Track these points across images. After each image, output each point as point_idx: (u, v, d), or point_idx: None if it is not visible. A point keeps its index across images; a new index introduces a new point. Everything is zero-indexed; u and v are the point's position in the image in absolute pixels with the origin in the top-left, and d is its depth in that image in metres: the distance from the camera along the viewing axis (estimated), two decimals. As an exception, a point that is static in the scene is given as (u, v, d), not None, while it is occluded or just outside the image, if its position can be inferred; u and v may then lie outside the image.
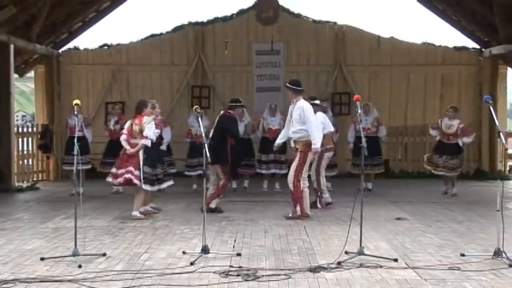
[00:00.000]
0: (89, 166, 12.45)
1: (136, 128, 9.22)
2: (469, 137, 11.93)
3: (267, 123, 12.59)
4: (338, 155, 13.16)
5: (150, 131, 9.16)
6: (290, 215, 9.20)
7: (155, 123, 9.44)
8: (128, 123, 9.44)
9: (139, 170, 9.07)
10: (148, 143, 9.13)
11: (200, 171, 12.42)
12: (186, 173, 12.81)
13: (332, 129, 10.70)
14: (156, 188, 9.44)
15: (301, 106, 9.15)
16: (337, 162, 12.94)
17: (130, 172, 9.05)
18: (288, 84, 9.43)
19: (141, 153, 9.13)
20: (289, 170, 9.60)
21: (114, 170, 9.33)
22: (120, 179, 9.19)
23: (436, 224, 8.89)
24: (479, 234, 8.07)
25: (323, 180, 10.41)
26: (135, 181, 9.04)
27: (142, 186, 9.09)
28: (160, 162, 9.78)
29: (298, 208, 9.17)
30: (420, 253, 6.93)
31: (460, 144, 11.75)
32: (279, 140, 9.71)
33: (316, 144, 9.01)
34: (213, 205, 9.57)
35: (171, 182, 9.92)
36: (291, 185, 9.19)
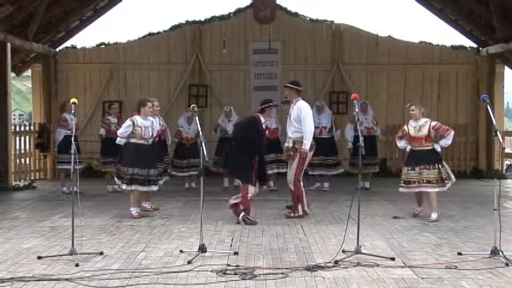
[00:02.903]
0: (82, 166, 12.38)
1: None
2: (447, 138, 9.26)
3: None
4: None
5: (121, 128, 9.33)
6: (292, 214, 9.20)
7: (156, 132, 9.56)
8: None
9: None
10: (119, 140, 9.28)
11: (191, 173, 12.49)
12: (173, 173, 12.58)
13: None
14: (130, 188, 9.19)
15: (299, 106, 9.21)
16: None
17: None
18: (289, 84, 9.48)
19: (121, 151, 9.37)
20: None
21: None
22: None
23: (433, 222, 8.89)
24: (476, 233, 8.09)
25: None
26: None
27: (116, 180, 9.45)
28: (150, 163, 9.59)
29: (299, 207, 9.19)
30: (417, 252, 6.94)
31: (438, 149, 9.29)
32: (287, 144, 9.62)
33: (305, 146, 9.06)
34: (239, 218, 8.76)
35: (163, 180, 9.98)
36: (291, 185, 9.22)
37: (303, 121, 9.11)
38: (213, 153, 12.46)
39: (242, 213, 8.74)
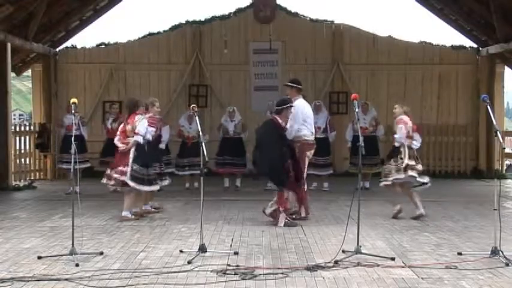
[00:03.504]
0: (88, 165, 12.40)
1: (128, 127, 9.14)
2: (397, 130, 9.29)
3: None
4: (336, 154, 13.21)
5: (142, 127, 9.00)
6: (294, 217, 9.13)
7: (149, 121, 9.35)
8: (122, 124, 9.40)
9: (128, 166, 8.95)
10: (140, 139, 8.96)
11: (192, 171, 12.52)
12: (176, 172, 12.69)
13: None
14: (145, 188, 9.11)
15: (294, 105, 9.16)
16: (335, 161, 12.96)
17: (120, 172, 8.97)
18: (289, 83, 9.45)
19: (132, 150, 8.99)
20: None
21: (108, 171, 9.31)
22: (112, 181, 9.16)
23: (433, 222, 8.90)
24: (476, 233, 8.08)
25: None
26: (123, 178, 8.93)
27: (129, 182, 8.91)
28: (157, 161, 9.73)
29: (302, 209, 9.14)
30: (417, 252, 6.94)
31: (395, 144, 9.37)
32: None
33: None
34: (281, 223, 8.53)
35: (167, 182, 9.93)
36: None
37: (290, 117, 9.03)
38: (214, 153, 12.55)
39: (283, 215, 8.57)
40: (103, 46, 16.46)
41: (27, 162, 15.13)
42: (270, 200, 8.79)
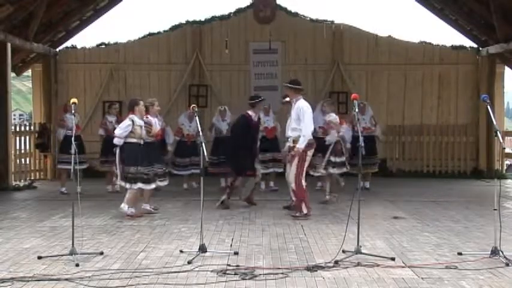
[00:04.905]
0: (85, 166, 12.34)
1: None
2: None
3: (263, 122, 12.59)
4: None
5: (117, 130, 9.36)
6: (297, 214, 9.17)
7: (151, 131, 9.55)
8: None
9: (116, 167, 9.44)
10: (118, 141, 9.25)
11: (192, 171, 12.51)
12: (175, 172, 12.64)
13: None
14: (136, 186, 9.24)
15: (300, 106, 9.20)
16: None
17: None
18: (287, 84, 9.48)
19: (118, 151, 9.28)
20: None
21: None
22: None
23: (433, 222, 8.90)
24: (477, 233, 8.08)
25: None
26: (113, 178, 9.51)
27: (117, 181, 9.48)
28: (151, 162, 9.58)
29: (303, 206, 9.18)
30: (417, 252, 6.94)
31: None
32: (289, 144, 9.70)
33: (300, 145, 9.06)
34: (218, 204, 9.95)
35: (166, 182, 9.94)
36: (293, 185, 9.20)
37: (302, 121, 9.11)
38: (209, 153, 12.50)
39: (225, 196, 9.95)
40: (103, 46, 16.45)
41: (27, 162, 15.14)
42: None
